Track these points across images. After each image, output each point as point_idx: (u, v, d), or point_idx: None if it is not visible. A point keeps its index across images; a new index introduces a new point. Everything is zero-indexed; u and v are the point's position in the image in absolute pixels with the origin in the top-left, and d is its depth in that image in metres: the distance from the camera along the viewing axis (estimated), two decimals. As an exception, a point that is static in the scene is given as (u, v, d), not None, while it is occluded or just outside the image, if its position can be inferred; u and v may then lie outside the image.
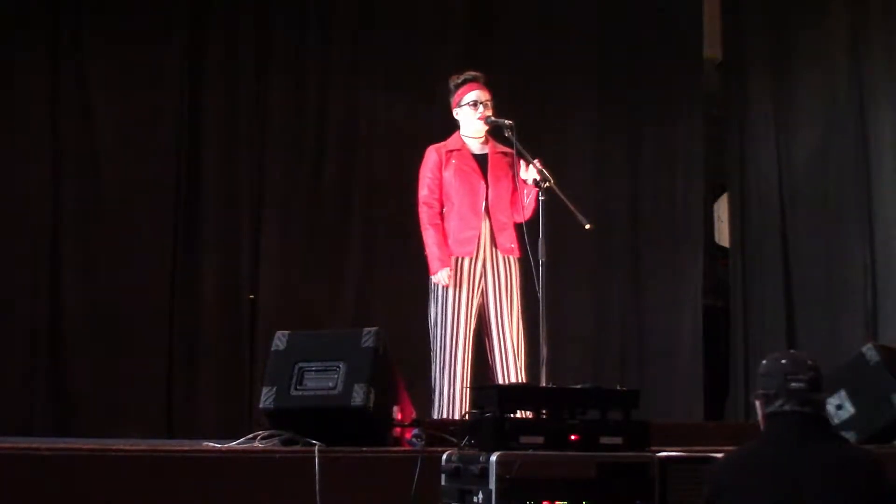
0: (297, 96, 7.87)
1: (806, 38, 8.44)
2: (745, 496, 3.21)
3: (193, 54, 7.60)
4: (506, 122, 5.89)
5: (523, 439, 3.84)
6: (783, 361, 3.34)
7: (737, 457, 3.35)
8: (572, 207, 5.74)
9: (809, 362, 3.33)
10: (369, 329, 4.83)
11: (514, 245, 5.96)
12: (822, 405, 3.32)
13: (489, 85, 6.10)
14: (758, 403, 3.34)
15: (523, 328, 5.98)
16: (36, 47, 7.29)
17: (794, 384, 3.27)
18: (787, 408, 3.26)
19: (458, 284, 5.89)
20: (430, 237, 5.94)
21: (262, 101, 7.75)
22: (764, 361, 3.38)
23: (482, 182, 5.99)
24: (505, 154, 6.03)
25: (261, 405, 4.80)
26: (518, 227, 5.94)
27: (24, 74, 7.27)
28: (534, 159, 5.80)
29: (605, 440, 3.96)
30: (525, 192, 5.90)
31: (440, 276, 5.88)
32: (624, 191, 8.55)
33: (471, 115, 6.03)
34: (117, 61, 7.45)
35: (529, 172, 5.83)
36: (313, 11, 7.94)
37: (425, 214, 5.98)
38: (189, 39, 7.59)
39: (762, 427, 3.33)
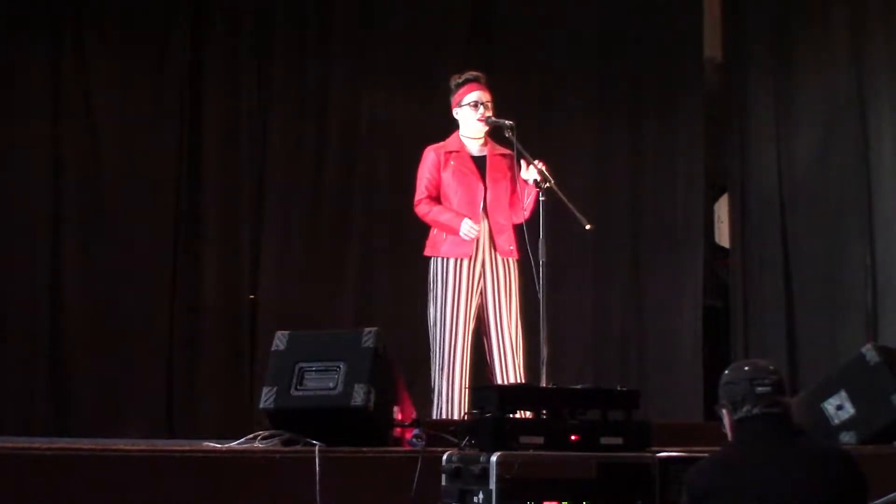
0: (298, 96, 7.86)
1: (806, 39, 8.43)
2: (723, 500, 3.26)
3: (194, 54, 7.60)
4: (506, 122, 5.91)
5: (523, 439, 3.85)
6: (746, 368, 3.43)
7: (713, 462, 3.42)
8: (572, 208, 5.75)
9: (771, 367, 3.43)
10: (369, 329, 4.84)
11: (513, 247, 5.97)
12: (789, 407, 3.40)
13: (489, 85, 6.10)
14: (724, 412, 3.42)
15: (522, 328, 5.98)
16: (36, 48, 7.29)
17: (759, 388, 3.35)
18: (756, 411, 3.34)
19: (456, 286, 5.90)
20: (436, 213, 5.96)
21: (262, 101, 7.74)
22: (726, 372, 3.47)
23: (480, 184, 5.99)
24: (504, 156, 6.04)
25: (261, 405, 4.81)
26: (518, 227, 5.94)
27: (24, 74, 7.27)
28: (534, 160, 5.81)
29: (605, 440, 3.97)
30: (525, 192, 5.91)
31: (467, 228, 5.86)
32: (624, 191, 8.54)
33: (471, 116, 6.03)
34: (118, 62, 7.45)
35: (530, 172, 5.84)
36: (313, 11, 7.94)
37: (425, 207, 5.99)
38: (189, 39, 7.59)
39: (730, 434, 3.41)
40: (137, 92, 7.46)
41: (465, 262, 5.93)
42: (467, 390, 5.76)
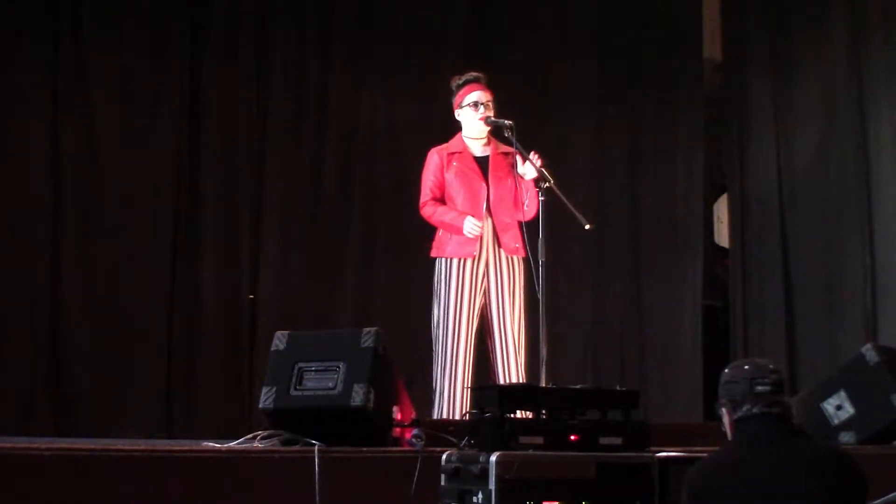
0: (297, 96, 7.87)
1: (806, 39, 8.43)
2: (722, 499, 3.26)
3: (194, 54, 7.60)
4: (506, 122, 5.91)
5: (523, 439, 3.84)
6: (746, 367, 3.43)
7: (712, 461, 3.42)
8: (572, 208, 5.75)
9: (771, 366, 3.44)
10: (369, 329, 4.83)
11: (519, 244, 5.95)
12: (788, 406, 3.40)
13: (490, 85, 6.11)
14: (724, 411, 3.43)
15: (524, 328, 5.98)
16: (36, 48, 7.29)
17: (759, 388, 3.36)
18: (755, 411, 3.35)
19: (460, 285, 5.90)
20: (440, 213, 5.96)
21: (262, 101, 7.75)
22: (726, 370, 3.47)
23: (483, 184, 5.99)
24: (506, 154, 6.04)
25: (260, 405, 4.81)
26: (518, 226, 5.94)
27: (24, 74, 7.27)
28: (530, 154, 5.80)
29: (604, 440, 3.96)
30: (524, 189, 5.91)
31: (470, 226, 5.86)
32: (624, 191, 8.54)
33: (472, 116, 6.04)
34: (117, 61, 7.46)
35: (526, 168, 5.84)
36: (313, 11, 7.94)
37: (429, 209, 5.99)
38: (189, 39, 7.59)
39: (730, 433, 3.42)
40: (137, 91, 7.47)
41: (469, 262, 5.92)
42: (468, 390, 5.76)
